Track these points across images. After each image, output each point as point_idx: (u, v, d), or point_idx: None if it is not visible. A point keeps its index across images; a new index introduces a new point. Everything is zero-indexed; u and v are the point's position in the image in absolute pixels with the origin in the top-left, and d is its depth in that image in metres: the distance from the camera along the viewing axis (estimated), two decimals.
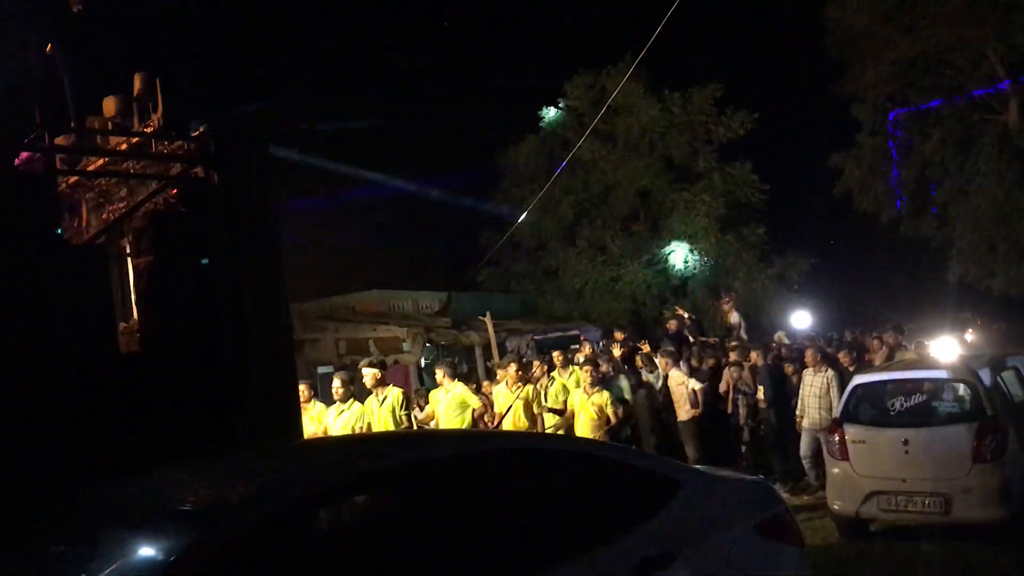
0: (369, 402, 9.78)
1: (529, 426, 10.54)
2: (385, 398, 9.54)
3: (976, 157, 22.82)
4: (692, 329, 16.21)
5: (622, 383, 11.95)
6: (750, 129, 25.10)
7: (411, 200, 28.59)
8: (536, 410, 10.82)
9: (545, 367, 11.52)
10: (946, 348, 11.41)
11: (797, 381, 11.53)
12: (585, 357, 12.44)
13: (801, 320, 23.67)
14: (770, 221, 25.87)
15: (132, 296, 7.52)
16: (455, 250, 27.53)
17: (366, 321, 18.34)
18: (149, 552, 3.16)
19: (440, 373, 10.99)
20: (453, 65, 30.48)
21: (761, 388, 11.84)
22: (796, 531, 4.61)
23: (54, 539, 3.70)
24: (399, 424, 9.36)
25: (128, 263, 7.61)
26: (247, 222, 6.83)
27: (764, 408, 11.75)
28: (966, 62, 22.60)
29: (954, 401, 8.71)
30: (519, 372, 10.84)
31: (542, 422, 11.02)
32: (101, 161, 7.86)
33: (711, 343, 15.61)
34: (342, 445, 4.89)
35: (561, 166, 20.37)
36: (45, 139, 6.80)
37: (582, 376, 10.77)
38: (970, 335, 16.79)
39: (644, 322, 23.47)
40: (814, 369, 11.10)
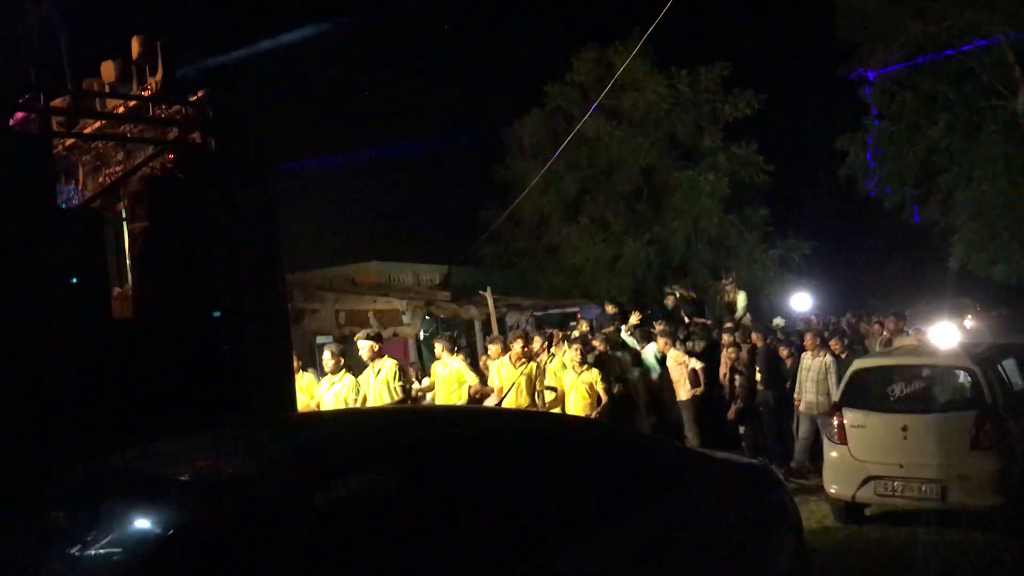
0: (365, 374, 9.76)
1: (529, 403, 10.48)
2: (380, 370, 9.55)
3: (983, 144, 22.69)
4: (687, 310, 16.19)
5: (647, 354, 11.94)
6: (756, 109, 24.94)
7: (412, 172, 28.50)
8: (538, 387, 10.75)
9: (546, 343, 11.45)
10: (945, 334, 11.37)
11: (792, 364, 11.52)
12: (577, 335, 12.41)
13: (801, 302, 23.61)
14: (773, 202, 25.78)
15: (127, 261, 7.44)
16: (456, 224, 27.45)
17: (366, 292, 18.26)
18: (148, 525, 3.14)
19: (439, 347, 11.01)
20: (458, 37, 30.24)
21: (759, 370, 11.81)
22: (795, 516, 4.60)
23: (55, 506, 3.68)
24: (393, 396, 9.35)
25: (124, 228, 7.53)
26: (244, 189, 6.75)
27: (762, 390, 11.72)
28: (976, 47, 22.41)
29: (954, 388, 8.73)
30: (525, 348, 10.77)
31: (543, 399, 10.97)
32: (98, 124, 7.76)
33: (706, 324, 15.58)
34: (343, 420, 4.82)
35: (567, 140, 20.27)
36: (41, 100, 6.70)
37: (571, 354, 10.68)
38: (969, 321, 16.75)
39: (643, 300, 23.40)
40: (812, 353, 11.11)
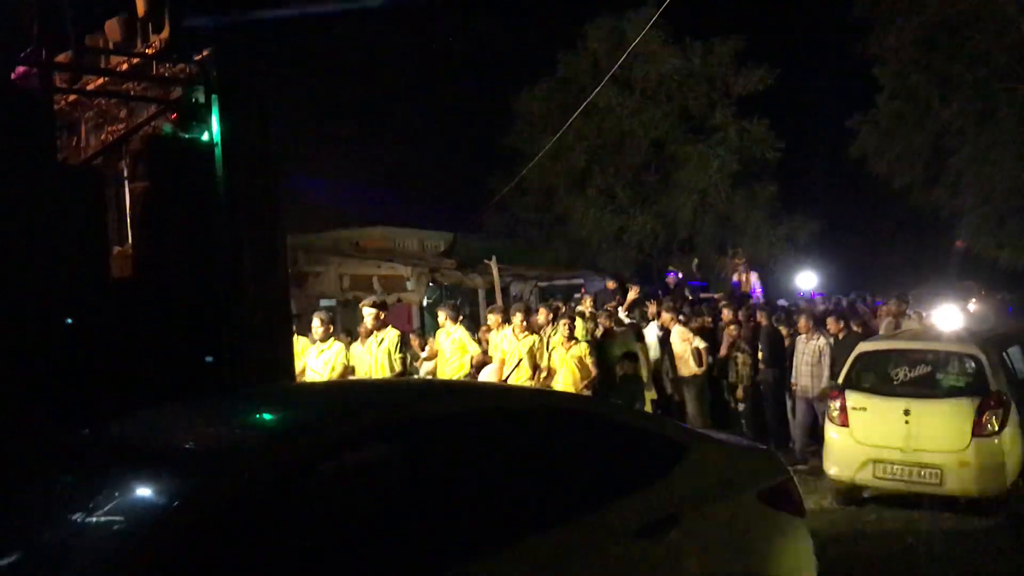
0: (367, 343, 9.73)
1: (531, 376, 10.40)
2: (383, 340, 9.49)
3: (995, 127, 22.50)
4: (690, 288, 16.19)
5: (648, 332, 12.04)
6: (769, 85, 24.76)
7: (420, 137, 28.33)
8: (539, 361, 10.65)
9: (551, 315, 11.35)
10: (948, 317, 11.31)
11: (790, 345, 11.49)
12: (582, 310, 12.36)
13: (807, 281, 23.56)
14: (781, 180, 25.65)
15: (128, 220, 7.39)
16: (462, 191, 27.29)
17: (371, 257, 18.25)
18: (153, 494, 3.11)
19: (442, 315, 10.92)
20: (470, 2, 29.94)
21: (760, 348, 11.78)
22: (798, 501, 4.56)
23: (62, 470, 3.65)
24: (394, 367, 9.30)
25: (125, 186, 7.47)
26: (246, 151, 6.67)
27: (764, 369, 11.68)
28: (993, 29, 22.16)
29: (958, 374, 8.70)
30: (525, 321, 10.70)
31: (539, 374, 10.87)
32: (101, 81, 7.68)
33: (714, 298, 15.54)
34: (349, 391, 4.76)
35: (579, 110, 20.13)
36: (43, 55, 6.62)
37: (560, 330, 10.59)
38: (973, 304, 16.64)
39: (648, 273, 23.35)
40: (807, 336, 11.09)
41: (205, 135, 6.63)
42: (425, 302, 17.94)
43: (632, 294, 14.03)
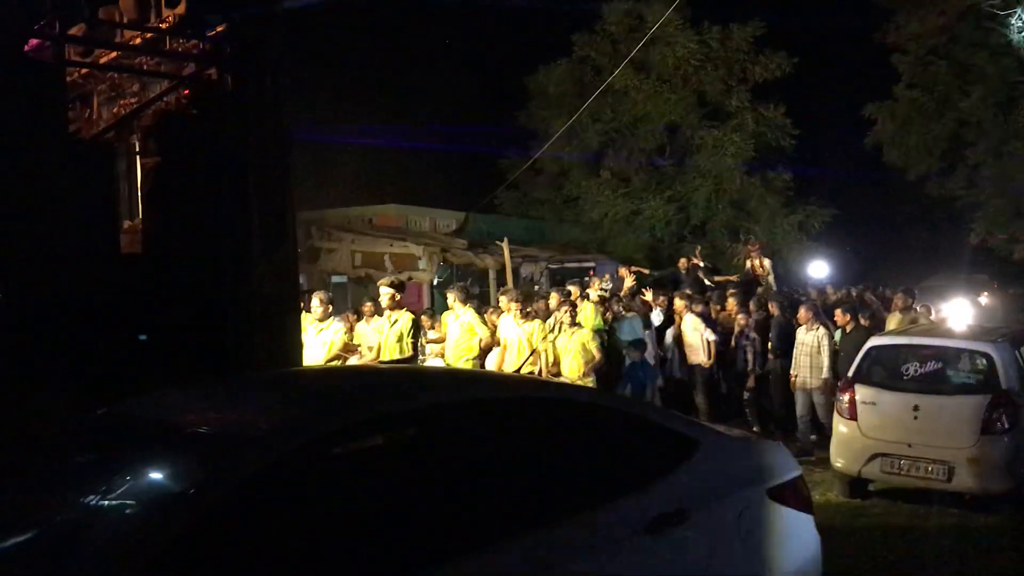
0: (380, 322, 9.72)
1: (532, 361, 10.37)
2: (396, 321, 9.40)
3: (1015, 119, 22.33)
4: (704, 272, 16.10)
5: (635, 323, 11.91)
6: (787, 72, 24.58)
7: (432, 115, 28.23)
8: (543, 347, 10.61)
9: (563, 300, 11.27)
10: (959, 311, 11.20)
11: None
12: (594, 295, 12.31)
13: (818, 269, 23.44)
14: (796, 167, 25.49)
15: (139, 195, 7.37)
16: (475, 170, 27.20)
17: (383, 236, 18.28)
18: (170, 480, 3.09)
19: (452, 297, 10.87)
20: None
21: (770, 338, 11.73)
22: (807, 498, 4.53)
23: (78, 450, 3.63)
24: (404, 351, 9.22)
25: (136, 161, 7.45)
26: (257, 128, 6.64)
27: (773, 359, 11.62)
28: (1015, 19, 21.94)
29: (969, 371, 8.65)
30: (525, 307, 10.65)
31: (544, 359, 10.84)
32: (114, 54, 7.63)
33: (730, 280, 15.50)
34: (367, 377, 4.73)
35: (597, 92, 20.02)
36: (56, 27, 6.58)
37: (562, 317, 10.55)
38: (985, 298, 16.53)
39: (660, 258, 23.26)
40: (806, 327, 10.98)
41: (217, 112, 6.60)
42: (436, 281, 17.94)
43: (629, 281, 13.97)
